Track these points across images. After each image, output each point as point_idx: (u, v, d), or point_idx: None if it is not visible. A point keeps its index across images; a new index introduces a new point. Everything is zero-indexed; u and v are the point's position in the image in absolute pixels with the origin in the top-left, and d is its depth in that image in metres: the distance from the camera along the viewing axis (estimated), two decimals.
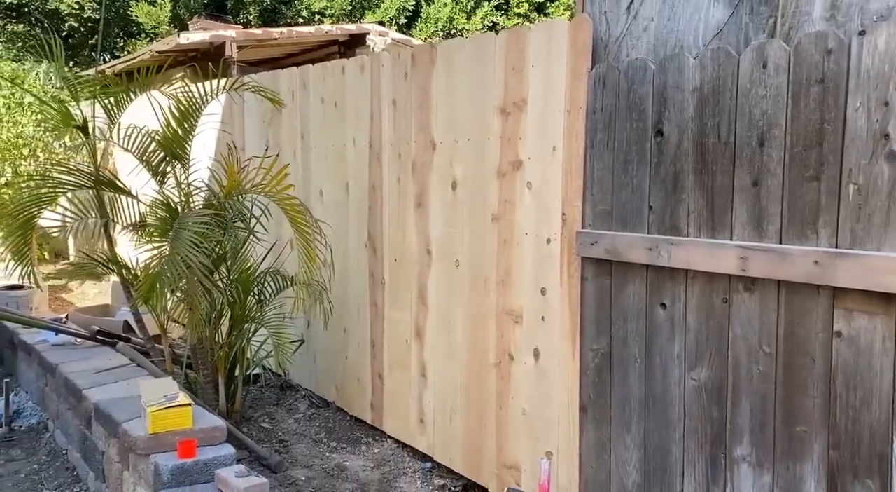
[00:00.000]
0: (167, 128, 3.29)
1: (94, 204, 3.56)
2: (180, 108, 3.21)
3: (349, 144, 3.88)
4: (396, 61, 3.47)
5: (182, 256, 2.82)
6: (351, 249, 3.91)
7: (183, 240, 2.86)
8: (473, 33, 15.43)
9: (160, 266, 2.80)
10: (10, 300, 4.66)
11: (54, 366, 3.67)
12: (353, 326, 3.91)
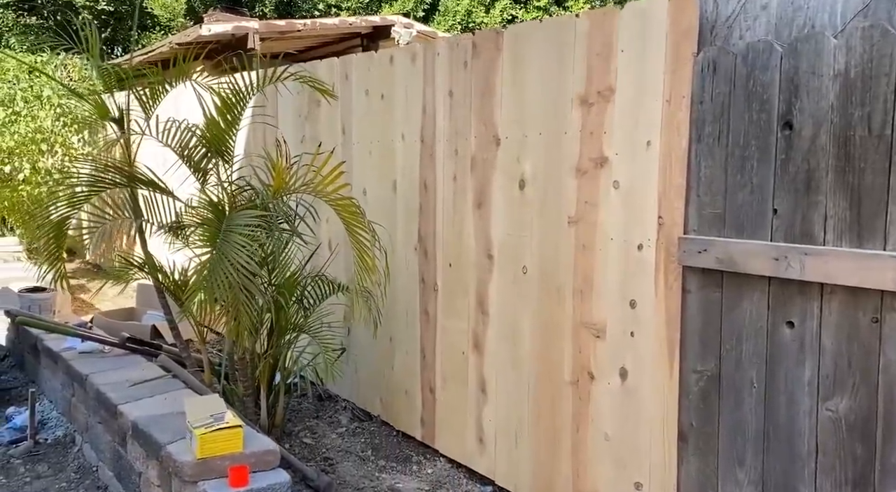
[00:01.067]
0: (209, 121, 3.02)
1: (129, 203, 3.29)
2: (224, 100, 2.94)
3: (397, 139, 3.60)
4: (454, 49, 3.19)
5: (232, 260, 2.56)
6: (398, 252, 3.63)
7: (233, 243, 2.60)
8: (492, 27, 15.12)
9: (209, 271, 2.53)
10: (33, 303, 4.42)
11: (84, 377, 3.42)
12: (401, 334, 3.65)
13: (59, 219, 3.13)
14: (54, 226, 3.11)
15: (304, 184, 2.94)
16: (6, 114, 6.06)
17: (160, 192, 3.17)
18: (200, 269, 2.55)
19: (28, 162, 6.20)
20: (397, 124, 3.60)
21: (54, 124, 6.28)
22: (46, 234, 3.09)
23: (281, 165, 2.93)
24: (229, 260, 2.59)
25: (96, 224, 3.22)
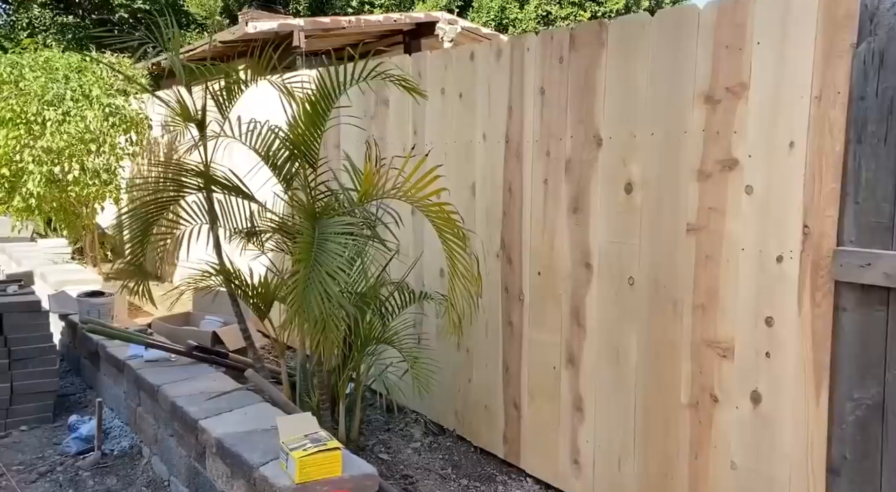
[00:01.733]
0: (294, 122, 2.85)
1: (204, 208, 3.14)
2: (311, 100, 2.76)
3: (477, 140, 3.41)
4: (548, 44, 2.99)
5: (329, 270, 2.38)
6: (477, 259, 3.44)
7: (329, 253, 2.42)
8: (526, 23, 14.88)
9: (306, 283, 2.35)
10: (92, 308, 4.30)
11: (155, 388, 3.28)
12: (480, 345, 3.46)
13: (146, 223, 2.97)
14: (139, 233, 2.96)
15: (394, 188, 2.75)
16: (56, 114, 5.98)
17: (243, 197, 3.01)
18: (298, 280, 2.38)
19: (77, 162, 6.12)
20: (478, 124, 3.41)
21: (102, 124, 6.19)
22: (133, 238, 2.94)
23: (370, 169, 2.75)
24: (326, 270, 2.41)
25: (169, 229, 3.08)
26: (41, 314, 4.07)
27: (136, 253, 3.01)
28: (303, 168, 2.89)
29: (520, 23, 14.68)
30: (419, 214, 3.68)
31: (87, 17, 12.23)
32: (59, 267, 5.85)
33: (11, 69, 6.28)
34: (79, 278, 5.40)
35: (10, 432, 3.86)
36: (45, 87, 6.09)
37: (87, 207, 6.84)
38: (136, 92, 6.80)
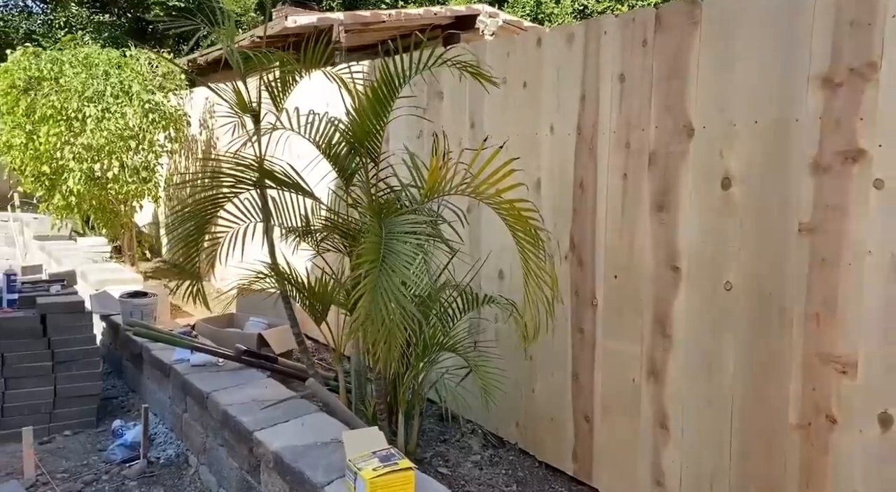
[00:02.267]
0: (356, 114, 2.64)
1: (257, 204, 2.96)
2: (374, 91, 2.55)
3: (543, 132, 3.17)
4: (629, 26, 2.74)
5: (399, 274, 2.17)
6: None
7: (398, 254, 2.21)
8: (563, 17, 14.55)
9: (374, 287, 2.15)
10: (135, 309, 4.17)
11: (205, 395, 3.11)
12: (545, 353, 3.22)
13: (199, 222, 2.79)
14: (194, 230, 2.78)
15: (462, 183, 2.53)
16: (97, 110, 5.89)
17: (303, 194, 2.81)
18: (366, 284, 2.17)
19: (116, 160, 6.02)
20: (543, 115, 3.17)
21: (142, 121, 6.08)
22: (184, 242, 2.77)
23: (436, 164, 2.53)
24: (395, 273, 2.20)
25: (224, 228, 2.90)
26: (84, 315, 3.94)
27: (191, 254, 2.82)
28: (364, 163, 2.68)
29: (556, 17, 14.36)
30: (474, 210, 3.48)
31: (123, 16, 12.25)
32: (98, 266, 5.76)
33: (52, 66, 6.22)
34: (119, 278, 5.29)
35: (53, 436, 3.74)
36: (85, 83, 6.01)
37: (126, 205, 6.76)
38: (175, 88, 6.69)
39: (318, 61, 3.04)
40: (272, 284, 3.13)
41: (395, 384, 3.07)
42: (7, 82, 6.16)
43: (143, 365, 4.11)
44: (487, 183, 2.47)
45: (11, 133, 6.11)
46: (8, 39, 12.41)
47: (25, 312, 3.84)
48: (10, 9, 13.69)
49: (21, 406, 3.71)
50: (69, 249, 6.44)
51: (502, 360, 3.29)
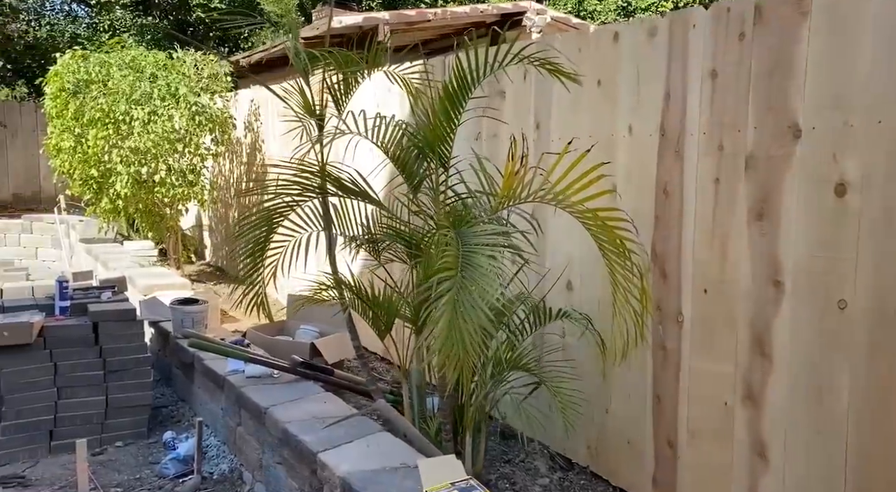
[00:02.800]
0: (427, 116, 2.47)
1: (319, 212, 2.80)
2: (446, 91, 2.37)
3: (620, 133, 2.96)
4: (722, 18, 2.51)
5: (478, 289, 1.99)
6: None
7: (477, 268, 2.03)
8: (606, 14, 14.22)
9: (454, 303, 1.97)
10: (186, 317, 4.07)
11: (262, 410, 2.97)
12: (621, 371, 2.99)
13: (268, 232, 2.64)
14: (263, 239, 2.63)
15: (540, 190, 2.33)
16: (144, 113, 5.84)
17: (369, 201, 2.64)
18: (447, 302, 1.99)
19: (163, 163, 5.97)
20: (620, 115, 2.95)
21: (189, 123, 6.02)
22: (250, 252, 2.62)
23: (512, 169, 2.34)
24: (474, 288, 2.02)
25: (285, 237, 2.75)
26: (136, 323, 3.85)
27: (256, 264, 2.67)
28: (435, 169, 2.50)
29: (599, 14, 14.03)
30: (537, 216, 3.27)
31: (165, 18, 12.34)
32: (146, 270, 5.71)
33: (100, 68, 6.21)
34: (167, 283, 5.22)
35: (105, 448, 3.66)
36: (132, 85, 5.98)
37: (171, 208, 6.73)
38: (220, 90, 6.63)
39: (380, 61, 2.89)
40: (333, 295, 2.97)
41: (460, 401, 2.89)
42: (56, 86, 6.17)
43: (195, 374, 4.01)
44: (572, 189, 2.27)
45: (60, 136, 6.12)
46: (54, 43, 12.62)
47: (77, 319, 3.77)
48: (56, 13, 13.95)
49: (74, 416, 3.64)
50: (116, 253, 6.42)
51: (571, 378, 3.08)
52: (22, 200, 12.02)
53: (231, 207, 7.77)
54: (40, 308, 3.81)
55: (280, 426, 2.82)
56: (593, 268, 3.13)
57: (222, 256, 8.29)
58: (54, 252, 9.58)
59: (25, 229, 9.89)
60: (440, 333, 1.95)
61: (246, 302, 2.72)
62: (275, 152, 6.62)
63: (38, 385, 3.56)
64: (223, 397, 3.57)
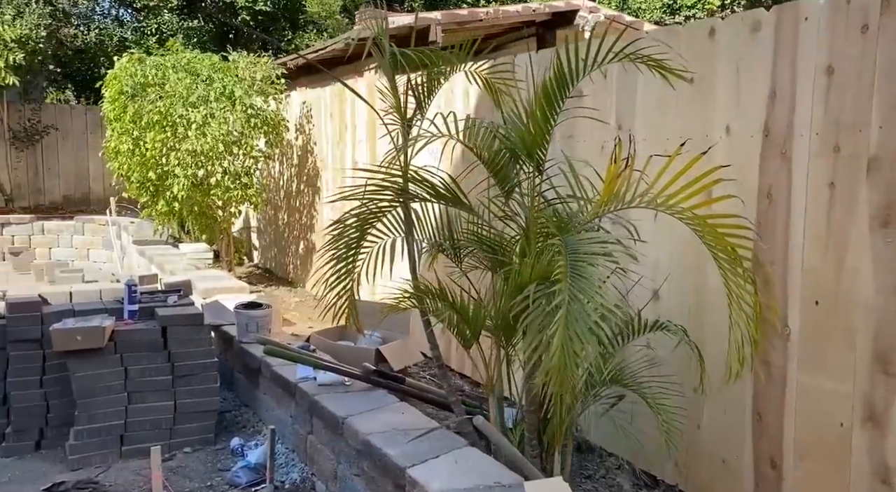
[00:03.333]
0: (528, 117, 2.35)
1: (400, 217, 2.70)
2: (546, 90, 2.25)
3: (717, 135, 2.80)
4: (841, 10, 2.33)
5: (593, 302, 1.86)
6: (709, 280, 2.83)
7: (587, 279, 1.90)
8: (651, 13, 13.91)
9: (568, 317, 1.85)
10: (251, 321, 4.03)
11: (341, 420, 2.89)
12: (715, 384, 2.83)
13: (359, 239, 2.55)
14: (354, 246, 2.54)
15: (646, 195, 2.19)
16: (202, 116, 5.85)
17: (462, 208, 2.53)
18: (560, 317, 1.87)
19: (220, 165, 5.97)
20: (717, 115, 2.80)
21: (244, 126, 6.01)
22: (345, 254, 2.54)
23: (615, 172, 2.21)
24: (586, 301, 1.89)
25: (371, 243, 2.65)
26: (203, 328, 3.82)
27: (347, 271, 2.58)
28: (532, 172, 2.38)
29: (643, 12, 13.74)
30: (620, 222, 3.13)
31: (211, 21, 12.47)
32: (203, 273, 5.71)
33: (156, 71, 6.24)
34: (225, 286, 5.21)
35: (174, 454, 3.63)
36: (189, 88, 5.99)
37: (225, 210, 6.74)
38: (275, 92, 6.61)
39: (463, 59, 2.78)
40: (412, 304, 2.87)
41: (546, 415, 2.77)
42: (115, 89, 6.22)
43: (259, 379, 3.96)
44: (686, 194, 2.13)
45: (119, 139, 6.17)
46: (103, 47, 12.86)
47: (146, 323, 3.75)
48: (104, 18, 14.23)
49: (143, 421, 3.62)
50: (172, 255, 6.45)
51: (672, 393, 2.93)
52: (72, 201, 12.27)
53: (280, 210, 7.77)
54: (109, 312, 3.80)
55: (360, 438, 2.74)
56: (683, 276, 2.98)
57: (270, 258, 8.30)
58: (105, 253, 9.74)
59: (77, 231, 10.08)
60: (555, 350, 1.83)
61: (334, 311, 2.62)
62: (328, 155, 6.58)
63: (110, 389, 3.54)
64: (293, 405, 3.50)
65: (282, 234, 7.83)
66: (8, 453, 3.55)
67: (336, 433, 2.97)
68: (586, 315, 1.89)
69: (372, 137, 5.75)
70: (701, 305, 2.90)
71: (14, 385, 3.58)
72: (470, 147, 2.44)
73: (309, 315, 6.16)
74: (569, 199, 2.58)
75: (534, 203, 2.36)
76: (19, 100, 10.78)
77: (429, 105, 2.81)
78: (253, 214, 8.21)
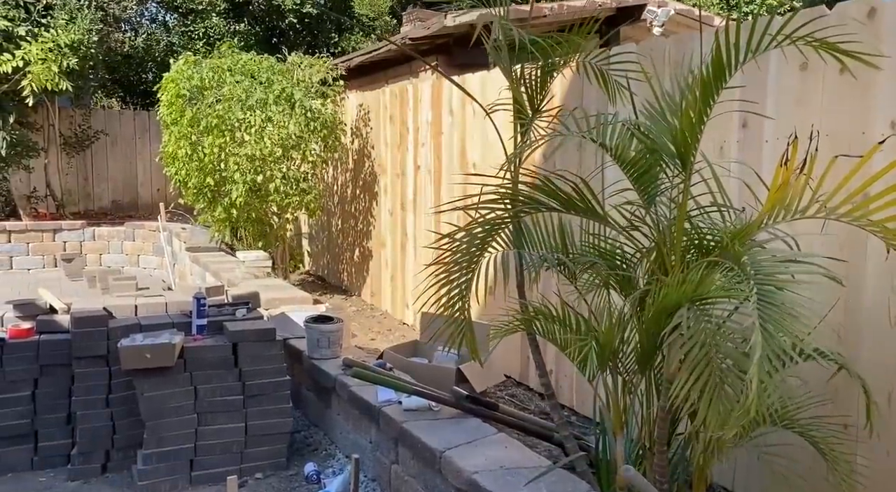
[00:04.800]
0: (669, 115, 2.02)
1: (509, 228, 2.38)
2: (703, 81, 1.92)
3: (876, 130, 2.42)
4: None
5: (788, 334, 1.52)
6: (863, 295, 2.45)
7: (780, 306, 1.56)
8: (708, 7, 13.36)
9: (760, 353, 1.50)
10: (322, 336, 3.77)
11: (438, 454, 2.59)
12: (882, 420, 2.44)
13: (477, 255, 2.25)
14: (473, 264, 2.23)
15: (828, 204, 1.84)
16: (261, 119, 5.64)
17: (597, 220, 2.20)
18: (753, 345, 1.53)
19: (279, 171, 5.75)
20: (878, 108, 2.42)
21: (303, 130, 5.78)
22: (459, 279, 2.23)
23: (787, 176, 1.86)
24: (777, 332, 1.55)
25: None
26: (275, 344, 3.57)
27: (464, 291, 2.26)
28: (680, 175, 2.05)
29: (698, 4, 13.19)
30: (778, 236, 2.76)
31: (258, 24, 12.39)
32: (263, 283, 5.49)
33: (213, 74, 6.07)
34: (288, 296, 4.97)
35: (245, 479, 3.38)
36: (247, 91, 5.79)
37: (281, 217, 6.53)
38: (333, 95, 6.38)
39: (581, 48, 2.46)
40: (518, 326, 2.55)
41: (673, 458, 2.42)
42: (172, 92, 6.07)
43: (333, 399, 3.70)
44: (881, 201, 1.77)
45: (176, 144, 6.00)
46: (150, 52, 12.88)
47: (216, 339, 3.51)
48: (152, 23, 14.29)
49: (213, 445, 3.38)
50: (228, 263, 6.25)
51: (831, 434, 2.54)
52: (120, 207, 12.29)
53: (334, 215, 7.54)
54: (177, 326, 3.58)
55: (465, 476, 2.42)
56: (828, 293, 2.60)
57: (323, 266, 8.09)
58: (156, 259, 9.67)
59: (128, 236, 10.03)
60: (751, 400, 1.49)
61: (449, 333, 2.31)
62: (386, 159, 6.32)
63: (180, 410, 3.31)
64: (373, 429, 3.22)
65: (335, 240, 7.60)
66: (74, 476, 3.35)
67: (430, 467, 2.66)
68: (781, 351, 1.55)
69: (437, 138, 5.46)
70: (854, 327, 2.52)
71: (80, 404, 3.38)
72: (607, 148, 2.11)
73: (369, 326, 5.90)
74: (709, 208, 2.25)
75: (683, 211, 2.02)
76: (70, 105, 10.81)
77: (540, 100, 2.50)
78: (304, 219, 8.01)
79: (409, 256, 5.93)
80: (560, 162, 3.89)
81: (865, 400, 2.28)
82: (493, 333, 2.41)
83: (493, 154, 4.68)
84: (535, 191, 2.11)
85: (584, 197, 2.10)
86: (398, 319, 6.05)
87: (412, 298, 5.82)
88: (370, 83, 8.86)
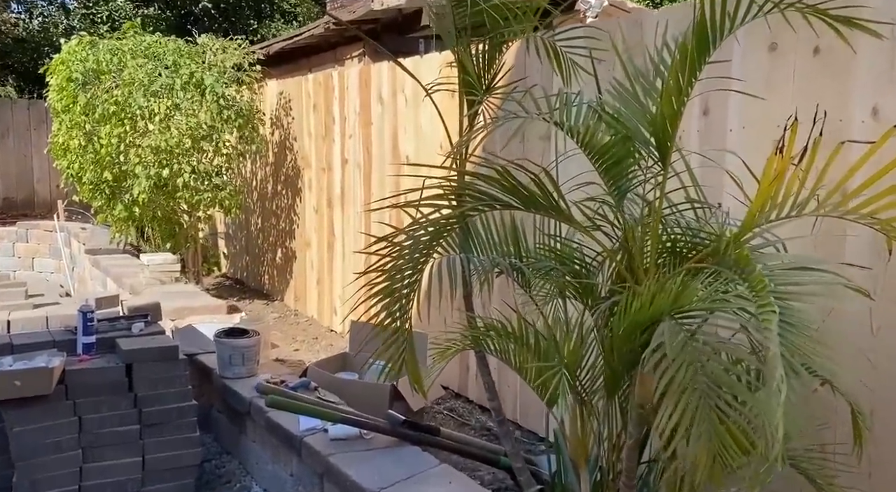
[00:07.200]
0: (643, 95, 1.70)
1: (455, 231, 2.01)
2: (684, 54, 1.61)
3: (856, 119, 2.21)
4: None
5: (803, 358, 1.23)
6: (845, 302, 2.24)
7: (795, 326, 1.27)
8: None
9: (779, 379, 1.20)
10: (235, 352, 3.28)
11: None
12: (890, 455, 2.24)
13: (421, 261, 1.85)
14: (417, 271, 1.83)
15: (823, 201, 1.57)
16: (166, 107, 5.03)
17: (562, 219, 1.84)
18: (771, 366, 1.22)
19: (188, 164, 5.16)
20: (857, 94, 2.21)
21: (216, 119, 5.22)
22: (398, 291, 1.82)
23: (782, 167, 1.58)
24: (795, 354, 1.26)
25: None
26: (178, 363, 3.07)
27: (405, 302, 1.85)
28: (661, 168, 1.73)
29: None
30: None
31: (170, 9, 11.50)
32: (170, 289, 4.90)
33: (112, 57, 5.39)
34: (200, 305, 4.43)
35: None
36: (151, 75, 5.16)
37: (192, 215, 5.92)
38: (250, 81, 5.82)
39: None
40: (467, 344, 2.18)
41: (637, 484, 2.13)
42: (62, 76, 5.35)
43: (247, 424, 3.23)
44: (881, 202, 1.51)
45: (68, 134, 5.29)
46: (48, 36, 11.76)
47: (107, 360, 2.98)
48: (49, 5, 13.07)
49: (103, 485, 2.85)
50: (131, 267, 5.60)
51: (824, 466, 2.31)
52: (14, 205, 11.14)
53: (253, 213, 6.97)
54: (58, 346, 3.02)
55: None
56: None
57: (242, 267, 7.48)
58: (53, 262, 8.72)
59: (21, 238, 9.03)
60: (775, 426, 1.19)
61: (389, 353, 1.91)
62: (310, 152, 5.84)
63: (60, 446, 2.77)
64: (294, 461, 2.79)
65: (255, 240, 7.03)
66: None
67: None
68: (794, 376, 1.26)
69: (366, 128, 5.04)
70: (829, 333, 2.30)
71: None
72: (569, 133, 1.76)
73: (293, 334, 5.41)
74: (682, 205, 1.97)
75: (660, 207, 1.71)
76: None
77: (490, 79, 2.14)
78: (220, 217, 7.38)
79: (337, 258, 5.49)
80: (503, 151, 3.56)
81: (854, 422, 2.06)
82: (435, 356, 2.04)
83: (427, 147, 4.31)
84: (491, 184, 1.74)
85: (547, 192, 1.75)
86: (325, 326, 5.59)
87: (340, 302, 5.38)
88: (292, 71, 8.31)
